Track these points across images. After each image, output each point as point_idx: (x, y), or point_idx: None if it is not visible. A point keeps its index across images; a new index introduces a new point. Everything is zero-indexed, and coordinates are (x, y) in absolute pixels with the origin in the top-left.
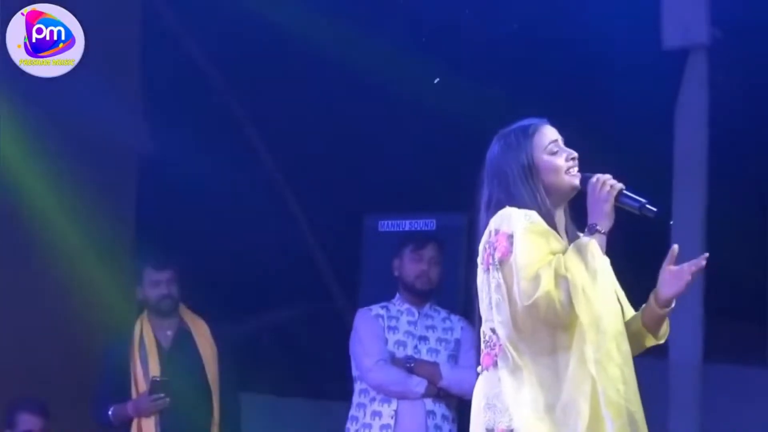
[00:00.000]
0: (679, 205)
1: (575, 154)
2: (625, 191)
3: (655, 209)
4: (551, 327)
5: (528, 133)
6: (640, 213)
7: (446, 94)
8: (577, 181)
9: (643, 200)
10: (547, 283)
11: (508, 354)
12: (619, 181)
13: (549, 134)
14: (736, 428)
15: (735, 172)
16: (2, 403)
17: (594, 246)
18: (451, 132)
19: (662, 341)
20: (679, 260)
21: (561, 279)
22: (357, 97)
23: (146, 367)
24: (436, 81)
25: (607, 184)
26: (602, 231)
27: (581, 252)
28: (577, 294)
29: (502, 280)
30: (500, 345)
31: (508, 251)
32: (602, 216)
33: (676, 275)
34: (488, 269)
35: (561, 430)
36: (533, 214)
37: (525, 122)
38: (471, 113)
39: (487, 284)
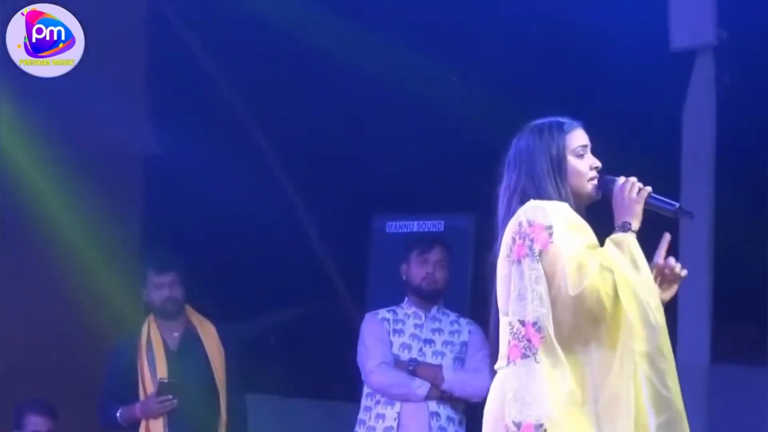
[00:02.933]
0: (686, 206)
1: (599, 164)
2: (653, 194)
3: (692, 212)
4: (593, 320)
5: (563, 130)
6: (674, 215)
7: (454, 95)
8: (594, 190)
9: (676, 203)
10: (593, 275)
11: (551, 346)
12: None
13: (580, 137)
14: (743, 428)
15: (742, 173)
16: (10, 404)
17: (632, 241)
18: (458, 133)
19: None
20: (685, 261)
21: (606, 271)
22: (364, 98)
23: (154, 369)
24: (454, 79)
25: (636, 186)
26: (634, 230)
27: (620, 246)
28: (622, 287)
29: (542, 272)
30: (540, 337)
31: (548, 242)
32: (633, 215)
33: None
34: (520, 261)
35: (600, 425)
36: (566, 207)
37: (560, 119)
38: (478, 114)
39: (517, 275)
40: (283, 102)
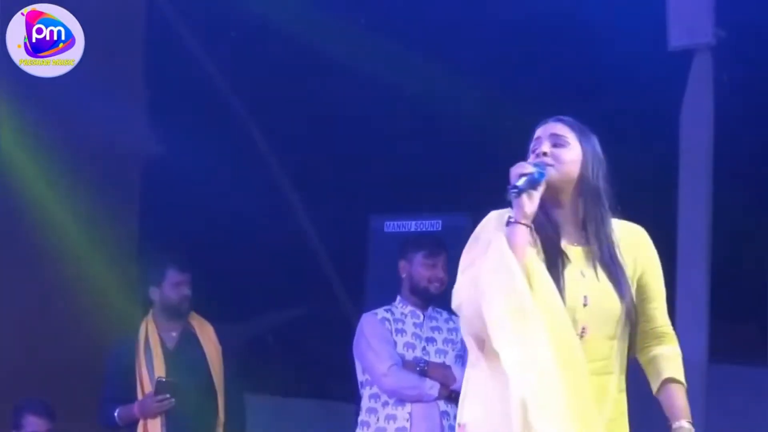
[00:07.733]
0: (684, 205)
1: (539, 150)
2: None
3: (518, 186)
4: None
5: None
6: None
7: (451, 95)
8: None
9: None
10: (464, 286)
11: (469, 350)
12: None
13: (537, 132)
14: (741, 428)
15: (740, 173)
16: (9, 404)
17: (499, 239)
18: (456, 133)
19: None
20: (684, 260)
21: (474, 278)
22: (362, 98)
23: (151, 368)
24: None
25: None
26: (519, 221)
27: (490, 246)
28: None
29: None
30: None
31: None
32: (515, 206)
33: None
34: None
35: (508, 422)
36: (492, 216)
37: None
38: (476, 114)
39: None
40: (282, 102)
